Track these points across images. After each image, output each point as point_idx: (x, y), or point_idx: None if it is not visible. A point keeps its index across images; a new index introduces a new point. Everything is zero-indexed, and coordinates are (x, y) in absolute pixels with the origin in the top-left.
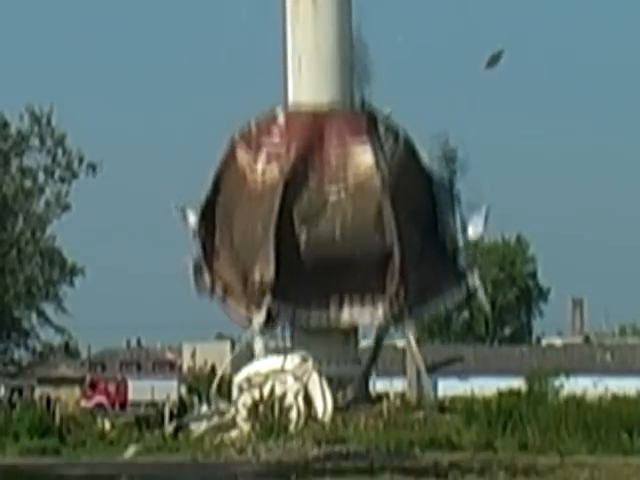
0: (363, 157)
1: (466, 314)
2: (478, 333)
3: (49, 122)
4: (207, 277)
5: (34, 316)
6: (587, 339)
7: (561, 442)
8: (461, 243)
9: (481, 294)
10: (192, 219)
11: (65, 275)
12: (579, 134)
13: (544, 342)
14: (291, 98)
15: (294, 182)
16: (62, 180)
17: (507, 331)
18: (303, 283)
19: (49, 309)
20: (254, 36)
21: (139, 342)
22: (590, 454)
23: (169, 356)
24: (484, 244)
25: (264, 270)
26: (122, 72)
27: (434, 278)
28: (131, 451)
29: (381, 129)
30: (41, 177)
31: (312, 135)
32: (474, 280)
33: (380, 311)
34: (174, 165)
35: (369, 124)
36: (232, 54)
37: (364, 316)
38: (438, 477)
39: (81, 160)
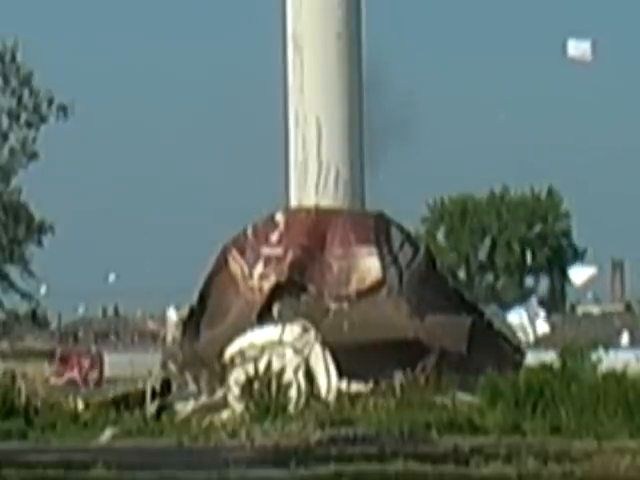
0: (369, 267)
1: (490, 277)
2: (504, 299)
3: (14, 58)
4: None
5: None
6: (629, 307)
7: (599, 424)
8: None
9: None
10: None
11: (32, 233)
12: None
13: (580, 310)
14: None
15: (288, 283)
16: (29, 125)
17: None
18: None
19: (14, 272)
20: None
21: (117, 310)
22: (632, 438)
23: (151, 326)
24: (510, 197)
25: None
26: None
27: None
28: (108, 435)
29: (394, 233)
30: (4, 121)
31: (313, 236)
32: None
33: None
34: (154, 103)
35: (378, 227)
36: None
37: None
38: (458, 464)
39: (50, 102)
